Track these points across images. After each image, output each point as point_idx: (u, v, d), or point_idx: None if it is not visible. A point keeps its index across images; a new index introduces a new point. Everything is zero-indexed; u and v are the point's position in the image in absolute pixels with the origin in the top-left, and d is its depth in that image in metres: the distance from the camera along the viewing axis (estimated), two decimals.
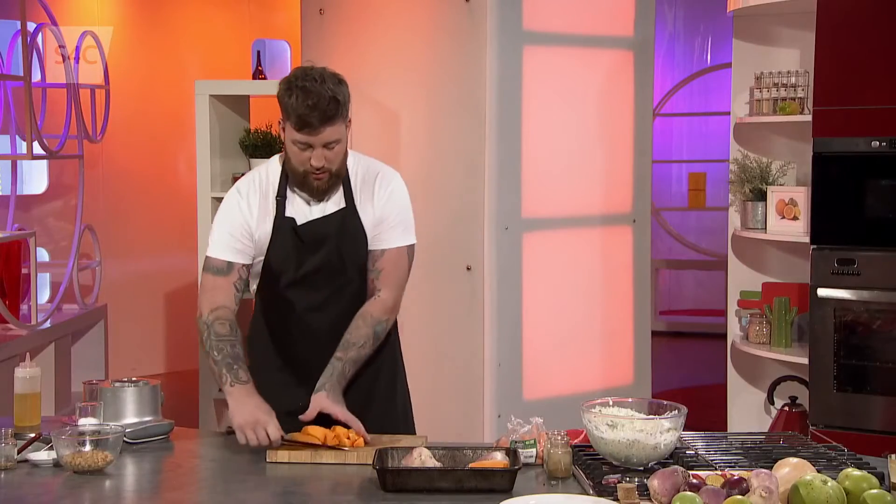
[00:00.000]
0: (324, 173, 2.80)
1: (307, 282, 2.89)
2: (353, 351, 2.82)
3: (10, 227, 6.23)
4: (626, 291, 5.10)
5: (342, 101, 2.77)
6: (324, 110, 2.73)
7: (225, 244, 2.87)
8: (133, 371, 7.00)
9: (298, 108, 2.74)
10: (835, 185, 4.51)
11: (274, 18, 8.20)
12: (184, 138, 7.40)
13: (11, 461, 2.54)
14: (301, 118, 2.74)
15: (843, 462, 2.46)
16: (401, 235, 2.92)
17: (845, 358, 4.47)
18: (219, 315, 2.83)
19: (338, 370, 2.79)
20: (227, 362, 2.77)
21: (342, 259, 2.88)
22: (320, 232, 2.87)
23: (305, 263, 2.87)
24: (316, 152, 2.77)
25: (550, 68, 4.80)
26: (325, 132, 2.75)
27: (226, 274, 2.87)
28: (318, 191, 2.84)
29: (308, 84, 2.76)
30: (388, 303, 2.90)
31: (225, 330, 2.81)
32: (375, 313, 2.87)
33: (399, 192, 2.93)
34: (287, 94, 2.78)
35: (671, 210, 9.81)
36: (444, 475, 2.37)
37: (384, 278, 2.90)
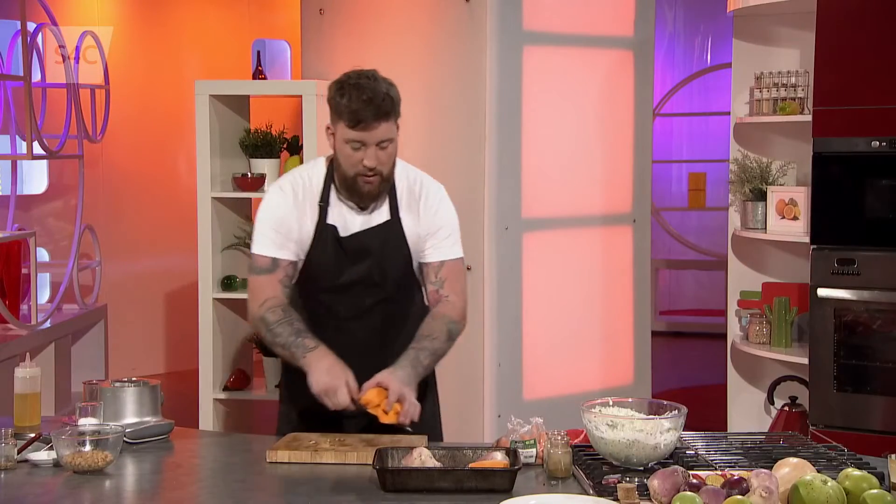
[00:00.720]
0: (375, 175, 2.77)
1: (346, 290, 2.87)
2: (427, 341, 2.78)
3: (10, 227, 6.23)
4: (626, 291, 5.10)
5: (396, 99, 2.77)
6: (378, 105, 2.71)
7: (269, 241, 2.85)
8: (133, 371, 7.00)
9: (352, 104, 2.71)
10: (835, 185, 4.51)
11: (274, 18, 8.20)
12: (184, 138, 7.40)
13: (11, 461, 2.54)
14: (355, 113, 2.71)
15: (843, 462, 2.46)
16: (454, 246, 2.92)
17: (845, 358, 4.47)
18: (268, 306, 2.81)
19: (410, 356, 2.74)
20: (291, 340, 2.75)
21: (383, 273, 2.86)
22: (363, 244, 2.84)
23: (346, 273, 2.85)
24: (369, 151, 2.74)
25: (550, 68, 4.80)
26: (379, 129, 2.73)
27: (271, 271, 2.85)
28: (368, 196, 2.80)
29: (362, 81, 2.75)
30: (458, 306, 2.89)
31: (277, 316, 2.79)
32: (447, 313, 2.86)
33: (449, 204, 2.93)
34: (339, 94, 2.74)
35: (671, 210, 9.81)
36: (444, 475, 2.37)
37: (449, 286, 2.89)
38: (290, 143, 4.93)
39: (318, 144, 4.66)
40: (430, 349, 2.79)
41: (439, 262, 2.90)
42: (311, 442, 2.68)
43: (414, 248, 2.89)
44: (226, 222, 4.86)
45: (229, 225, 4.88)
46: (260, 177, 4.79)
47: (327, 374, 2.67)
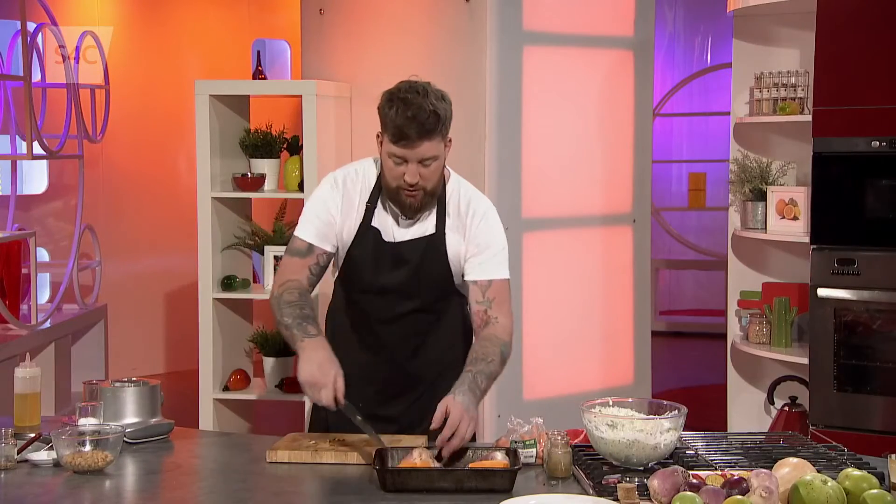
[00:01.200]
0: (417, 191, 2.74)
1: (381, 295, 2.87)
2: (482, 364, 2.72)
3: (10, 227, 6.23)
4: (626, 291, 5.10)
5: (443, 116, 2.70)
6: (422, 123, 2.66)
7: (311, 225, 2.86)
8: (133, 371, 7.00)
9: (397, 120, 2.66)
10: (835, 185, 4.51)
11: (274, 18, 8.20)
12: (184, 138, 7.40)
13: (11, 461, 2.54)
14: (398, 130, 2.67)
15: (843, 462, 2.46)
16: (502, 266, 2.88)
17: (845, 358, 4.47)
18: (287, 287, 2.82)
19: (468, 379, 2.67)
20: (297, 322, 2.74)
21: (419, 284, 2.86)
22: (403, 254, 2.84)
23: (382, 278, 2.85)
24: (410, 167, 2.71)
25: (550, 68, 4.80)
26: (421, 147, 2.68)
27: (304, 255, 2.85)
28: (410, 208, 2.79)
29: (410, 96, 2.68)
30: (508, 327, 2.85)
31: (293, 297, 2.80)
32: (499, 334, 2.82)
33: (496, 222, 2.89)
34: (387, 106, 2.70)
35: (671, 210, 9.81)
36: (444, 475, 2.37)
37: (497, 306, 2.85)
38: (290, 143, 4.93)
39: (318, 144, 4.66)
40: (487, 372, 2.73)
41: (487, 280, 2.85)
42: (310, 442, 2.68)
43: (454, 265, 2.87)
44: (226, 222, 4.86)
45: (229, 225, 4.88)
46: (260, 177, 4.79)
47: (318, 368, 2.64)
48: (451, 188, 2.87)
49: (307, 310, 2.79)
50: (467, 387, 2.63)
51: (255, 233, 4.88)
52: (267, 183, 4.82)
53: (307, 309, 2.79)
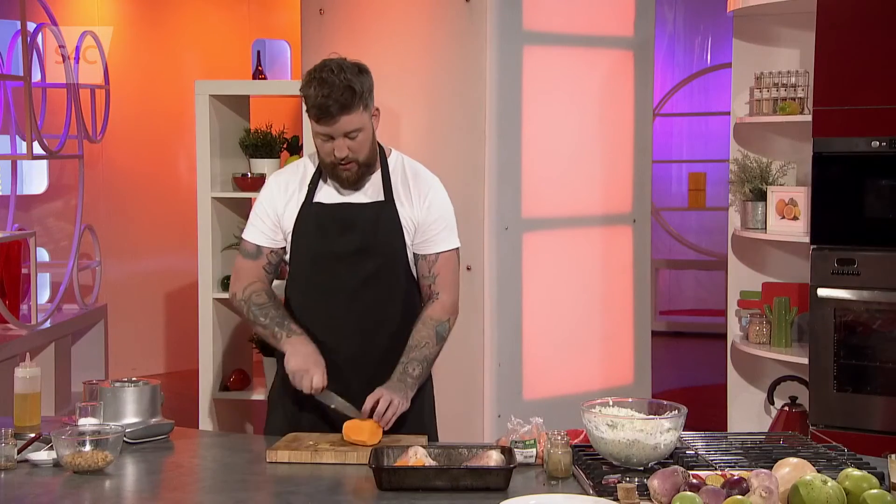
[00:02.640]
0: (350, 163, 2.83)
1: (335, 266, 2.90)
2: (415, 352, 2.86)
3: (10, 227, 6.23)
4: (626, 291, 5.10)
5: (359, 90, 2.79)
6: (337, 99, 2.75)
7: (255, 228, 2.97)
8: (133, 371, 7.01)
9: (315, 99, 2.77)
10: (835, 185, 4.51)
11: (274, 18, 8.20)
12: (184, 138, 7.40)
13: (11, 461, 2.54)
14: (317, 108, 2.77)
15: (843, 462, 2.46)
16: (448, 239, 2.97)
17: (845, 358, 4.47)
18: (253, 289, 2.93)
19: (398, 371, 2.83)
20: (277, 321, 2.87)
21: (374, 246, 2.90)
22: (350, 217, 2.89)
23: (334, 243, 2.89)
24: (337, 143, 2.80)
25: (550, 68, 4.80)
26: (341, 121, 2.77)
27: (255, 258, 2.97)
28: (349, 181, 2.87)
29: (325, 74, 2.78)
30: (447, 304, 2.96)
31: (263, 299, 2.91)
32: (435, 314, 2.93)
33: (441, 196, 2.98)
34: (307, 86, 2.81)
35: (671, 210, 9.81)
36: (440, 474, 2.37)
37: (440, 282, 2.95)
38: (290, 143, 4.93)
39: None
40: (419, 358, 2.86)
41: (434, 254, 2.95)
42: (310, 442, 2.68)
43: (409, 235, 2.93)
44: (226, 222, 4.86)
45: (229, 225, 4.88)
46: (260, 177, 4.79)
47: (306, 358, 2.79)
48: (393, 161, 2.97)
49: (281, 309, 2.92)
50: (396, 379, 2.81)
51: None
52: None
53: (281, 308, 2.92)
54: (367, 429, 2.68)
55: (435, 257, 2.95)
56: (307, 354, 2.80)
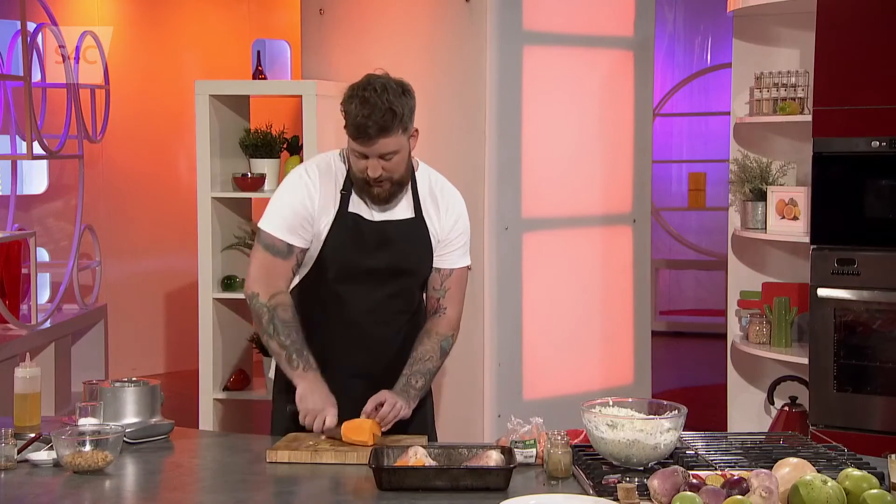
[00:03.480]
0: (384, 182, 2.80)
1: (363, 280, 2.88)
2: (419, 364, 2.87)
3: (10, 227, 6.23)
4: (626, 291, 5.10)
5: (399, 112, 2.74)
6: (377, 121, 2.71)
7: (287, 225, 2.85)
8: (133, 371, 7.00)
9: (355, 118, 2.73)
10: (835, 185, 4.51)
11: (274, 18, 8.20)
12: (184, 138, 7.40)
13: (11, 461, 2.54)
14: (356, 128, 2.73)
15: (843, 462, 2.46)
16: (463, 256, 3.00)
17: (845, 358, 4.47)
18: (279, 301, 2.84)
19: (401, 382, 2.83)
20: (297, 348, 2.81)
21: (406, 265, 2.90)
22: (387, 234, 2.87)
23: (366, 260, 2.86)
24: (372, 162, 2.76)
25: (550, 68, 4.80)
26: (378, 143, 2.74)
27: (285, 257, 2.86)
28: (379, 198, 2.84)
29: (367, 94, 2.73)
30: (453, 320, 2.97)
31: (288, 316, 2.83)
32: (441, 330, 2.93)
33: (464, 213, 2.99)
34: (348, 102, 2.76)
35: (671, 210, 9.81)
36: (440, 474, 2.37)
37: (450, 297, 2.96)
38: (290, 143, 4.93)
39: (318, 144, 4.66)
40: (422, 371, 2.87)
41: (448, 270, 2.96)
42: (310, 442, 2.68)
43: (435, 249, 2.93)
44: (226, 222, 4.86)
45: (229, 225, 4.88)
46: (260, 177, 4.79)
47: (321, 400, 2.75)
48: (420, 176, 2.95)
49: (301, 333, 2.84)
50: (400, 389, 2.82)
51: (255, 233, 4.88)
52: (267, 183, 4.82)
53: (301, 332, 2.84)
54: (367, 429, 2.68)
55: (449, 272, 2.96)
56: (323, 395, 2.76)
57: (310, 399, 2.75)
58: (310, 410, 2.73)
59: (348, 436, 2.68)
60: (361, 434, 2.67)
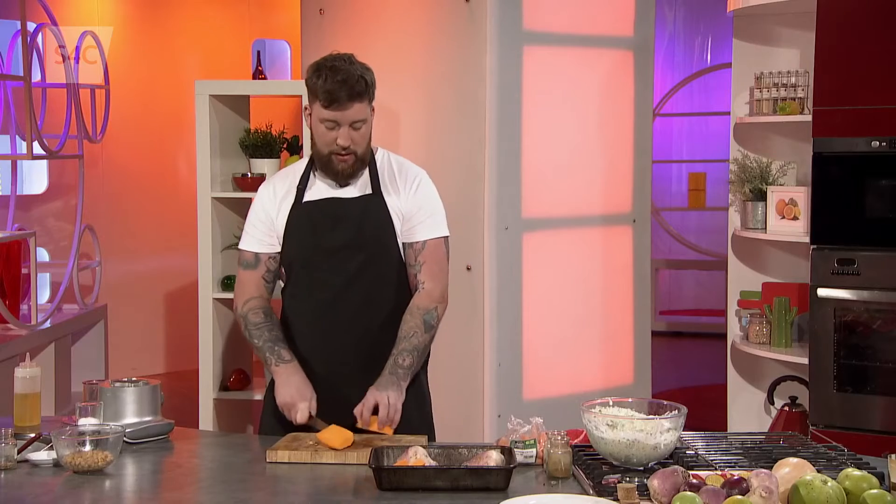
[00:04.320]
0: (349, 154, 2.88)
1: (323, 262, 2.92)
2: (404, 342, 2.88)
3: (10, 227, 6.23)
4: (626, 291, 5.10)
5: (369, 81, 2.87)
6: (352, 86, 2.82)
7: (250, 235, 3.01)
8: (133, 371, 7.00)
9: (327, 85, 2.82)
10: (835, 185, 4.51)
11: (274, 18, 8.20)
12: (184, 138, 7.40)
13: (11, 461, 2.54)
14: (330, 94, 2.82)
15: (843, 462, 2.46)
16: (434, 226, 2.98)
17: (845, 358, 4.47)
18: (251, 306, 2.97)
19: (388, 364, 2.85)
20: (268, 346, 2.91)
21: (365, 239, 2.92)
22: (340, 211, 2.92)
23: (326, 237, 2.92)
24: (342, 131, 2.85)
25: (550, 68, 4.80)
26: (352, 109, 2.83)
27: (254, 267, 3.00)
28: (343, 174, 2.91)
29: (337, 63, 2.86)
30: (434, 292, 2.96)
31: (259, 318, 2.95)
32: (421, 304, 2.94)
33: (427, 185, 3.01)
34: (315, 76, 2.86)
35: (671, 210, 9.81)
36: (440, 474, 2.37)
37: (426, 271, 2.96)
38: (290, 143, 4.93)
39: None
40: (409, 348, 2.88)
41: (420, 242, 2.97)
42: (310, 442, 2.68)
43: (398, 225, 2.95)
44: (226, 222, 4.86)
45: (229, 225, 4.88)
46: (260, 177, 4.79)
47: (296, 391, 2.83)
48: (380, 157, 3.01)
49: (276, 331, 2.95)
50: (388, 373, 2.83)
51: None
52: None
53: (276, 330, 2.95)
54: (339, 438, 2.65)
55: (421, 245, 2.96)
56: (295, 386, 2.83)
57: (282, 393, 2.84)
58: (281, 405, 2.83)
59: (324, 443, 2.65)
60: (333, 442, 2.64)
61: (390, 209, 2.94)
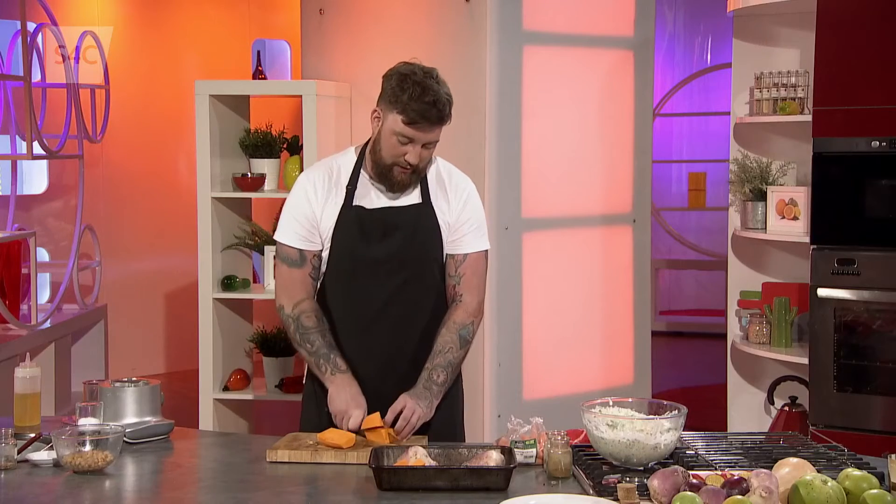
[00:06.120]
0: (411, 170, 2.82)
1: (371, 272, 2.87)
2: (439, 357, 2.85)
3: (10, 227, 6.23)
4: (626, 291, 5.10)
5: (451, 104, 2.82)
6: (440, 110, 2.77)
7: (292, 231, 2.90)
8: (133, 371, 7.01)
9: (414, 104, 2.74)
10: (835, 185, 4.51)
11: (274, 18, 8.20)
12: (184, 138, 7.40)
13: (11, 461, 2.54)
14: (417, 114, 2.75)
15: (843, 462, 2.46)
16: (479, 240, 2.97)
17: (845, 358, 4.47)
18: (303, 308, 2.89)
19: (423, 377, 2.83)
20: (323, 353, 2.85)
21: (414, 251, 2.89)
22: (391, 221, 2.88)
23: (372, 249, 2.86)
24: (415, 149, 2.79)
25: (550, 68, 4.80)
26: (433, 132, 2.79)
27: (300, 265, 2.91)
28: (399, 185, 2.86)
29: (426, 81, 2.78)
30: (471, 307, 2.93)
31: (312, 322, 2.88)
32: (458, 318, 2.90)
33: (475, 198, 2.98)
34: (399, 88, 2.77)
35: (671, 210, 9.81)
36: (440, 473, 2.37)
37: (465, 283, 2.93)
38: (290, 143, 4.93)
39: (318, 144, 4.66)
40: (443, 364, 2.85)
41: (462, 255, 2.94)
42: (310, 442, 2.68)
43: (445, 235, 2.92)
44: (226, 222, 4.86)
45: (229, 225, 4.88)
46: (260, 177, 4.79)
47: (352, 398, 2.80)
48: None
49: (328, 336, 2.88)
50: (422, 386, 2.81)
51: (255, 233, 4.89)
52: (267, 183, 4.82)
53: (328, 335, 2.88)
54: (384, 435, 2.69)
55: (463, 257, 2.94)
56: (350, 397, 2.80)
57: (336, 401, 2.80)
58: (336, 412, 2.80)
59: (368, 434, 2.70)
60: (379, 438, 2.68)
61: (439, 218, 2.90)
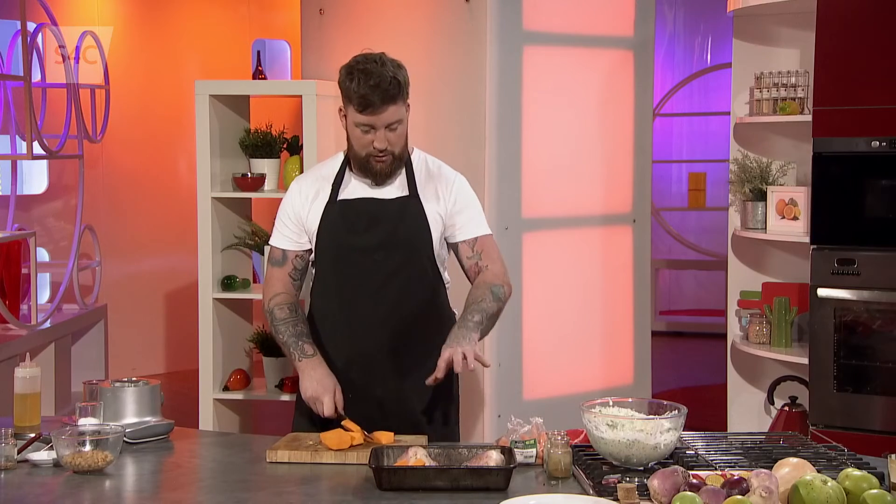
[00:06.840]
0: (386, 156, 2.88)
1: (358, 260, 2.91)
2: (475, 305, 2.86)
3: (10, 227, 6.23)
4: (626, 291, 5.10)
5: (402, 82, 2.86)
6: (385, 90, 2.81)
7: (279, 233, 3.02)
8: (133, 371, 7.01)
9: (360, 90, 2.81)
10: (835, 185, 4.51)
11: (274, 18, 8.20)
12: (184, 138, 7.40)
13: (11, 461, 2.54)
14: (363, 98, 2.81)
15: (843, 462, 2.46)
16: (482, 224, 3.01)
17: (845, 358, 4.47)
18: (277, 301, 2.98)
19: (458, 323, 2.82)
20: (292, 341, 2.92)
21: (400, 241, 2.91)
22: (375, 211, 2.92)
23: (356, 240, 2.91)
24: (378, 134, 2.84)
25: (550, 68, 4.80)
26: (386, 112, 2.82)
27: (281, 264, 3.01)
28: (381, 174, 2.91)
29: (369, 66, 2.84)
30: (499, 272, 2.98)
31: (284, 314, 2.96)
32: (488, 280, 2.94)
33: (466, 186, 3.03)
34: (348, 79, 2.84)
35: (671, 210, 9.81)
36: (440, 474, 2.37)
37: (486, 256, 2.99)
38: (290, 143, 4.93)
39: (318, 144, 4.66)
40: (478, 309, 2.85)
41: (473, 237, 2.99)
42: (310, 442, 2.68)
43: (435, 229, 2.94)
44: (226, 222, 4.86)
45: (229, 225, 4.88)
46: (260, 177, 4.79)
47: (318, 383, 2.84)
48: (416, 158, 3.02)
49: (300, 326, 2.95)
50: (457, 327, 2.79)
51: (255, 233, 4.88)
52: (267, 183, 4.82)
53: (300, 325, 2.95)
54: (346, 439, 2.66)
55: (474, 240, 2.99)
56: (317, 379, 2.84)
57: (305, 387, 2.85)
58: (307, 399, 2.85)
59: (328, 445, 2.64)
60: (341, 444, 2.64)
61: (428, 213, 2.93)
